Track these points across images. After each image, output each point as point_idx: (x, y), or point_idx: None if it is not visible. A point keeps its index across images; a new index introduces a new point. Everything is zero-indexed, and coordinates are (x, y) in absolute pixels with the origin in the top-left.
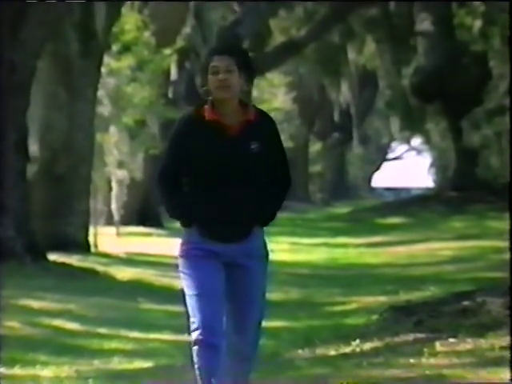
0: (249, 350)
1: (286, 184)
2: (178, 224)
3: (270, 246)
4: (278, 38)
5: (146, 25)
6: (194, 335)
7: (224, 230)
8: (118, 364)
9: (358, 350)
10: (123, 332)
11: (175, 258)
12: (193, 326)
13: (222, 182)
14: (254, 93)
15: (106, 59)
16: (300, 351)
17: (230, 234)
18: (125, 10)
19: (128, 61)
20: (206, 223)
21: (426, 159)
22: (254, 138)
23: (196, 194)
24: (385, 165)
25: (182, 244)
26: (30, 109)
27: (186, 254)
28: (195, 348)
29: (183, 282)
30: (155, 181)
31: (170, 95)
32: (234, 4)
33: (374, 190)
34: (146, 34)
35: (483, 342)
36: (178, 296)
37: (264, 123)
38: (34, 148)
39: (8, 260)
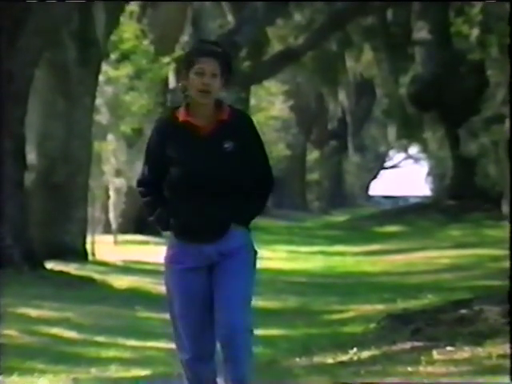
0: (240, 352)
1: (267, 183)
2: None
3: (263, 253)
4: (275, 47)
5: (144, 33)
6: (181, 355)
7: (197, 231)
8: (115, 372)
9: (355, 358)
10: (120, 340)
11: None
12: (178, 346)
13: (195, 183)
14: (252, 101)
15: (104, 67)
16: (297, 359)
17: (203, 235)
18: (123, 18)
19: (126, 69)
20: (180, 225)
21: (424, 167)
22: (228, 137)
23: (172, 197)
24: (382, 173)
25: (166, 250)
26: (27, 117)
27: (167, 263)
28: (183, 369)
29: (166, 295)
30: (136, 187)
31: (168, 104)
32: (228, 14)
33: (371, 198)
34: (145, 43)
35: (481, 351)
36: None
37: (239, 122)
38: (31, 156)
39: (6, 268)
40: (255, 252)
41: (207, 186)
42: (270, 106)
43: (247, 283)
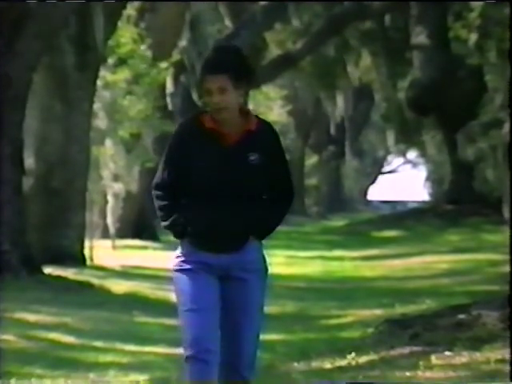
0: (243, 368)
1: (288, 197)
2: (173, 237)
3: (268, 260)
4: (273, 51)
5: (142, 38)
6: (187, 352)
7: (216, 241)
8: (113, 377)
9: (353, 363)
10: (119, 345)
11: (170, 271)
12: (185, 343)
13: (217, 193)
14: (250, 106)
15: (102, 72)
16: (295, 364)
17: (221, 245)
18: (121, 23)
19: (124, 74)
20: (197, 234)
21: (422, 172)
22: (254, 148)
23: (190, 205)
24: (380, 178)
25: (176, 256)
26: (25, 122)
27: (179, 267)
28: (188, 364)
29: (176, 298)
30: (151, 190)
31: (166, 108)
32: (226, 19)
33: (369, 203)
34: (142, 47)
35: (479, 356)
36: (174, 309)
37: (265, 134)
38: (29, 161)
39: (4, 273)
40: (266, 271)
41: (228, 197)
42: (269, 110)
43: (259, 317)
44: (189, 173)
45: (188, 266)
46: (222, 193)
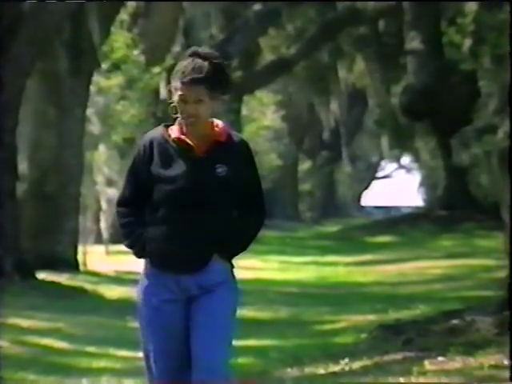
0: (200, 371)
1: (259, 215)
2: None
3: (255, 263)
4: (267, 57)
5: (135, 43)
6: None
7: (176, 260)
8: (106, 383)
9: (347, 368)
10: (112, 351)
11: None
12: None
13: (180, 207)
14: (244, 111)
15: (96, 77)
16: (289, 370)
17: (181, 265)
18: (114, 28)
19: (117, 79)
20: (158, 252)
21: (416, 178)
22: (222, 160)
23: (152, 221)
24: (374, 183)
25: (140, 280)
26: (19, 127)
27: (142, 295)
28: None
29: (140, 332)
30: (115, 207)
31: (159, 114)
32: (214, 27)
33: (363, 208)
34: (136, 53)
35: (472, 361)
36: None
37: (235, 146)
38: (23, 166)
39: None
40: (237, 291)
41: (191, 211)
42: (262, 116)
43: (227, 323)
44: (153, 186)
45: (150, 297)
46: (185, 206)
